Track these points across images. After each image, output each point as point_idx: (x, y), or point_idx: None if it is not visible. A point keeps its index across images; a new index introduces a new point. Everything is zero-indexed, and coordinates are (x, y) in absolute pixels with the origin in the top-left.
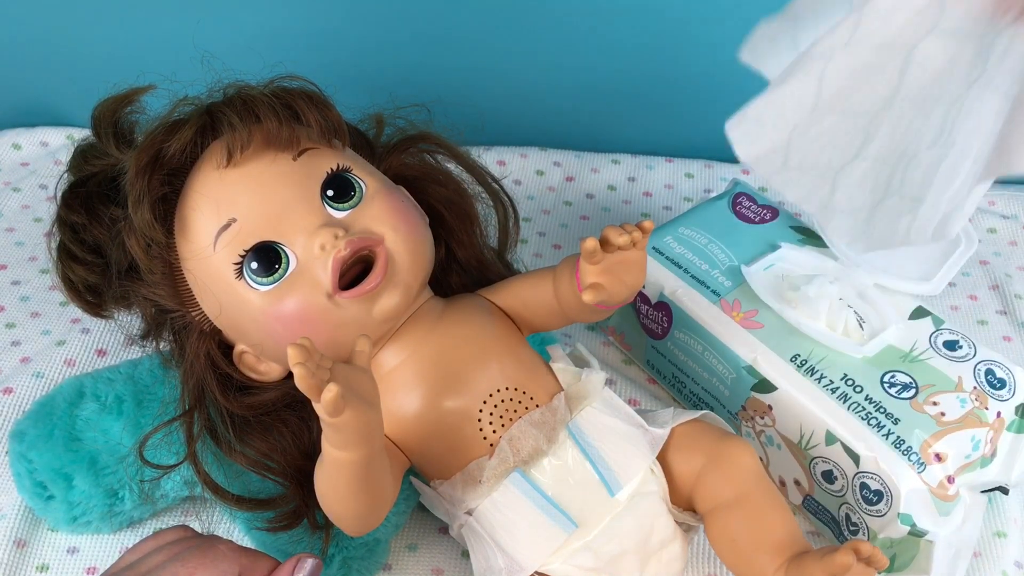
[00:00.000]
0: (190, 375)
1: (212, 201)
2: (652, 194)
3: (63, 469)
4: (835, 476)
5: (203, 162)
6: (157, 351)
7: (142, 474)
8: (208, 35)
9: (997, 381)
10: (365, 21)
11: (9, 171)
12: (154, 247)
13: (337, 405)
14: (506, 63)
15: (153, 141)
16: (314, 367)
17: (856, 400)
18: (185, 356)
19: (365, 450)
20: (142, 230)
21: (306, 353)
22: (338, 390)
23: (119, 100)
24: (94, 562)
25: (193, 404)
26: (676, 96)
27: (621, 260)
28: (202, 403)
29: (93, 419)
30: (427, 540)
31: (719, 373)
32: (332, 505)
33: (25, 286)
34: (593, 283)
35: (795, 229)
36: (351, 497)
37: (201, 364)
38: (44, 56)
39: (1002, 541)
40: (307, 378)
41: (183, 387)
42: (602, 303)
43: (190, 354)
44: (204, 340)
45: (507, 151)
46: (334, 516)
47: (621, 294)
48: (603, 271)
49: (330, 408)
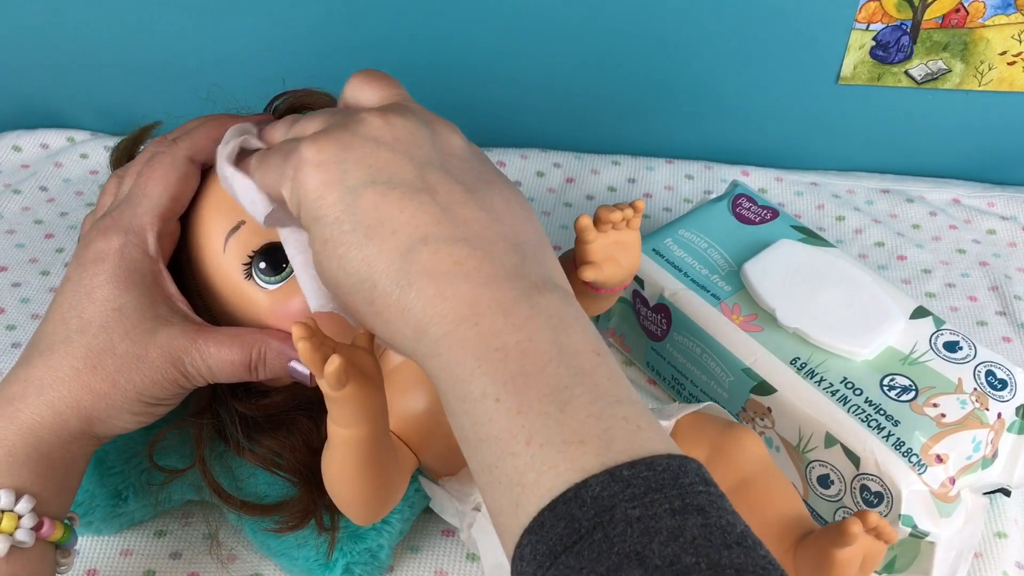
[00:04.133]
0: None
1: (223, 204)
2: (652, 195)
3: None
4: (831, 481)
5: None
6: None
7: (150, 477)
8: (208, 37)
9: (998, 382)
10: (365, 22)
11: (9, 173)
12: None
13: (340, 377)
14: (506, 64)
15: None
16: (318, 343)
17: (856, 403)
18: None
19: (369, 426)
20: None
21: (309, 330)
22: (340, 361)
23: (132, 140)
24: (94, 564)
25: (203, 407)
26: (676, 97)
27: (616, 240)
28: (212, 405)
29: None
30: (429, 542)
31: (717, 375)
32: (340, 489)
33: (26, 288)
34: (589, 261)
35: (796, 229)
36: (358, 477)
37: None
38: (44, 58)
39: (1003, 542)
40: (311, 352)
41: (193, 391)
42: (599, 284)
43: None
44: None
45: (507, 152)
46: (342, 501)
47: (616, 275)
48: (599, 251)
49: (332, 380)
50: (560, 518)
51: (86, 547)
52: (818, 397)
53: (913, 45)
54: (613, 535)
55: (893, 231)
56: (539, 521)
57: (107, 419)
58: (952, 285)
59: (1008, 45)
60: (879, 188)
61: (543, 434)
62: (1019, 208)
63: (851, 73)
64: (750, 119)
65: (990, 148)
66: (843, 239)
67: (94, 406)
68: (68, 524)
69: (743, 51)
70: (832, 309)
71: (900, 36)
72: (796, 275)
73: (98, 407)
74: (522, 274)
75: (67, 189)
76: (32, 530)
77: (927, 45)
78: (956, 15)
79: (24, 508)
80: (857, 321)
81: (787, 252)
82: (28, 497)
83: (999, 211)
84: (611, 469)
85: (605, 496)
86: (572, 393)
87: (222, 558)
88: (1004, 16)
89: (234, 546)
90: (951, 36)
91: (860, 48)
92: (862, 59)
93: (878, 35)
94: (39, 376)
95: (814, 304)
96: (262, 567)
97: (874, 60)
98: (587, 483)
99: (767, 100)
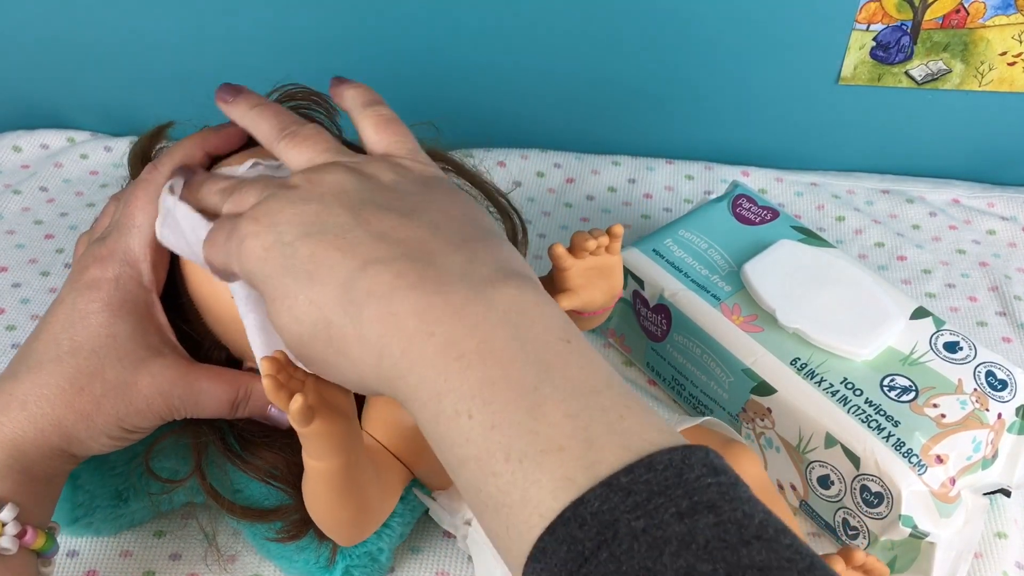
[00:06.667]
0: None
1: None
2: (652, 196)
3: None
4: (831, 481)
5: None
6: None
7: (149, 483)
8: (209, 38)
9: (998, 383)
10: (365, 22)
11: (9, 173)
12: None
13: (305, 415)
14: (506, 64)
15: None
16: (285, 378)
17: (856, 403)
18: None
19: (340, 459)
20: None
21: (278, 365)
22: (303, 400)
23: (151, 137)
24: (94, 565)
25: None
26: (677, 97)
27: (594, 265)
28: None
29: None
30: (431, 543)
31: (717, 376)
32: (319, 514)
33: (26, 288)
34: (567, 288)
35: (796, 229)
36: (335, 504)
37: None
38: (44, 58)
39: (1003, 542)
40: (275, 389)
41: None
42: (579, 309)
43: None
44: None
45: (508, 152)
46: (324, 526)
47: (597, 300)
48: (577, 276)
49: (298, 418)
50: (562, 542)
51: (86, 548)
52: (818, 397)
53: (913, 46)
54: (619, 553)
55: (893, 231)
56: (540, 547)
57: (85, 440)
58: (952, 285)
59: (1008, 45)
60: (879, 188)
61: (520, 447)
62: (1019, 208)
63: (851, 73)
64: (750, 119)
65: (990, 148)
66: (843, 239)
67: (75, 426)
68: (50, 533)
69: (743, 51)
70: (832, 309)
71: (900, 36)
72: (796, 275)
73: (79, 428)
74: (470, 272)
75: (67, 190)
76: (15, 537)
77: (927, 46)
78: (956, 16)
79: (8, 516)
80: (857, 321)
81: (787, 252)
82: (11, 505)
83: (999, 211)
84: (608, 479)
85: (605, 511)
86: (542, 394)
87: (221, 559)
88: (1004, 16)
89: (234, 547)
90: (951, 36)
91: (860, 48)
92: (862, 59)
93: (878, 35)
94: (24, 391)
95: (814, 304)
96: (262, 568)
97: (874, 60)
98: (584, 499)
99: (767, 100)
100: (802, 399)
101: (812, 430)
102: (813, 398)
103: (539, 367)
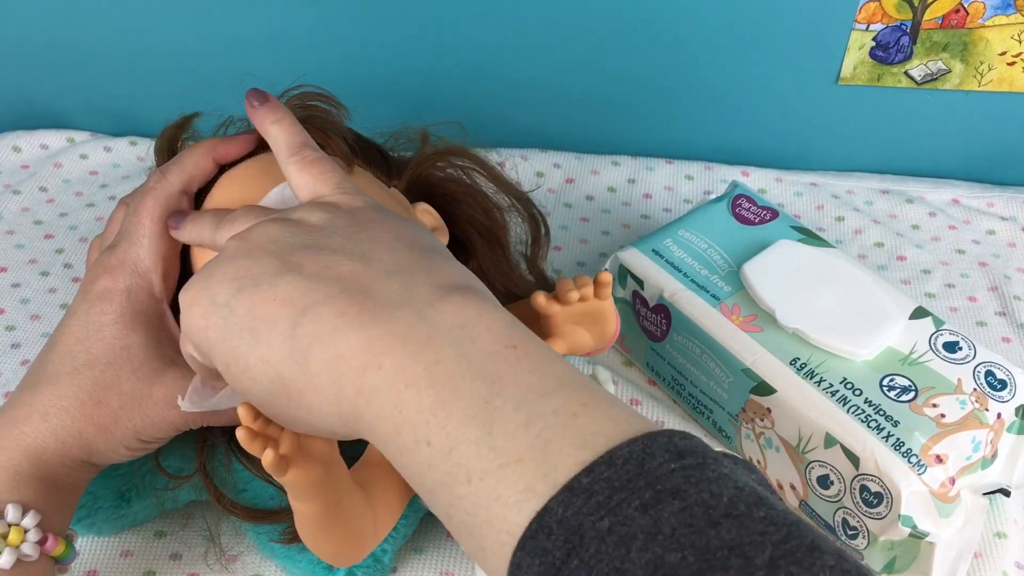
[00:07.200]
0: None
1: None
2: (652, 196)
3: None
4: (831, 481)
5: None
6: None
7: (154, 481)
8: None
9: (997, 382)
10: (366, 23)
11: (9, 174)
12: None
13: (278, 465)
14: (506, 64)
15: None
16: (261, 427)
17: (855, 403)
18: None
19: (319, 502)
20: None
21: (254, 413)
22: (274, 454)
23: (177, 126)
24: (94, 565)
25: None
26: (676, 97)
27: (584, 311)
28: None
29: None
30: (434, 543)
31: (717, 376)
32: (309, 544)
33: (25, 288)
34: (552, 334)
35: (796, 229)
36: (322, 538)
37: None
38: (44, 59)
39: (1003, 542)
40: (250, 440)
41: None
42: (566, 354)
43: None
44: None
45: (508, 152)
46: (319, 554)
47: (586, 345)
48: (563, 323)
49: (272, 469)
50: (534, 555)
51: (86, 548)
52: (818, 397)
53: (913, 45)
54: (588, 558)
55: (893, 231)
56: (516, 563)
57: (104, 451)
58: (952, 285)
59: (1008, 45)
60: (879, 188)
61: (480, 466)
62: (1019, 208)
63: (851, 73)
64: (750, 119)
65: (990, 148)
66: (843, 239)
67: (95, 438)
68: (68, 540)
69: (743, 51)
70: (832, 309)
71: (900, 36)
72: (796, 275)
73: (98, 440)
74: (409, 296)
75: (67, 190)
76: (37, 544)
77: (927, 45)
78: (956, 15)
79: (30, 523)
80: (857, 321)
81: (787, 252)
82: (34, 512)
83: (999, 211)
84: (569, 483)
85: (570, 516)
86: (494, 406)
87: (222, 559)
88: (1004, 16)
89: (235, 547)
90: (951, 36)
91: (860, 48)
92: (862, 59)
93: (878, 35)
94: (44, 403)
95: (814, 304)
96: (263, 568)
97: (874, 60)
98: (548, 508)
99: (767, 100)
100: (802, 399)
101: (811, 430)
102: (813, 398)
103: (488, 380)
